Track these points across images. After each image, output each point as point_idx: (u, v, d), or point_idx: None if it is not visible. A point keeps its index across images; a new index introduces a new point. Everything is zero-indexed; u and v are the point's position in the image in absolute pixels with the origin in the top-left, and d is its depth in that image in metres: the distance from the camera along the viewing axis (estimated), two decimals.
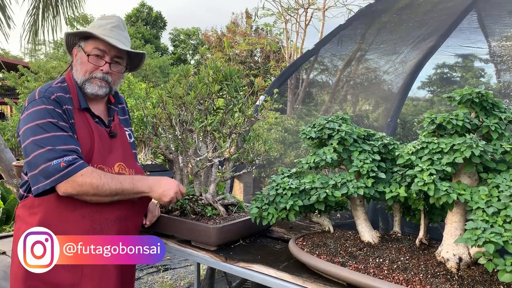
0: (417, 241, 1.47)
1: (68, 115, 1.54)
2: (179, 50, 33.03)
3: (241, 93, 1.93)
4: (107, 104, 1.77)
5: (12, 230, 1.58)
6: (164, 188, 1.59)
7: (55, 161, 1.40)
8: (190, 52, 32.55)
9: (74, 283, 1.49)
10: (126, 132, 1.79)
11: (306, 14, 14.04)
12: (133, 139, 1.83)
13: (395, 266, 1.30)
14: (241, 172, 1.98)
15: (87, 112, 1.62)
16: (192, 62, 30.31)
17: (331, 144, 1.57)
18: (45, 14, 6.16)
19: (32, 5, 6.09)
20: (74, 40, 1.70)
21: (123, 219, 1.61)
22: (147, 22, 32.08)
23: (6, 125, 10.31)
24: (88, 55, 1.61)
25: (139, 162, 1.86)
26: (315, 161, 1.55)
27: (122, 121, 1.82)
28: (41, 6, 6.05)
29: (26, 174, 1.59)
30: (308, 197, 1.50)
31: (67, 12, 6.43)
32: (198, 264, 3.01)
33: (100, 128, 1.64)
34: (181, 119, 1.89)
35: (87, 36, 1.65)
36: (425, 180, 1.21)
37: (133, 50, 1.70)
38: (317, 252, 1.44)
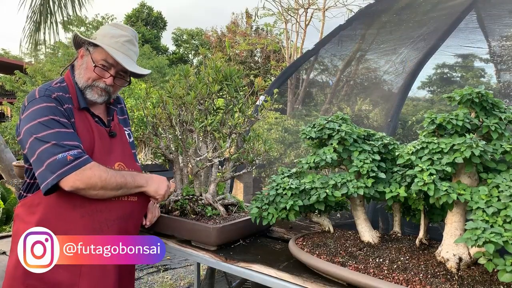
0: (417, 241, 1.47)
1: (69, 114, 1.54)
2: (181, 50, 33.01)
3: (241, 93, 1.92)
4: (107, 104, 1.77)
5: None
6: (158, 183, 1.67)
7: (60, 155, 1.39)
8: (193, 52, 32.52)
9: (73, 283, 1.48)
10: (126, 132, 1.80)
11: (306, 14, 14.03)
12: (132, 138, 1.83)
13: (395, 266, 1.30)
14: (241, 172, 1.98)
15: (87, 111, 1.63)
16: (195, 61, 30.29)
17: (331, 144, 1.57)
18: (45, 18, 6.15)
19: (32, 10, 6.09)
20: (82, 39, 1.69)
21: (123, 219, 1.61)
22: (147, 22, 32.06)
23: (5, 127, 10.25)
24: (95, 66, 1.61)
25: (139, 162, 1.86)
26: (315, 161, 1.55)
27: (121, 121, 1.82)
28: (41, 10, 6.04)
29: (26, 174, 1.59)
30: (308, 197, 1.50)
31: (68, 14, 6.41)
32: (198, 264, 3.01)
33: (100, 128, 1.65)
34: (181, 119, 1.89)
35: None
36: (425, 180, 1.21)
37: (141, 73, 1.71)
38: (317, 252, 1.44)
